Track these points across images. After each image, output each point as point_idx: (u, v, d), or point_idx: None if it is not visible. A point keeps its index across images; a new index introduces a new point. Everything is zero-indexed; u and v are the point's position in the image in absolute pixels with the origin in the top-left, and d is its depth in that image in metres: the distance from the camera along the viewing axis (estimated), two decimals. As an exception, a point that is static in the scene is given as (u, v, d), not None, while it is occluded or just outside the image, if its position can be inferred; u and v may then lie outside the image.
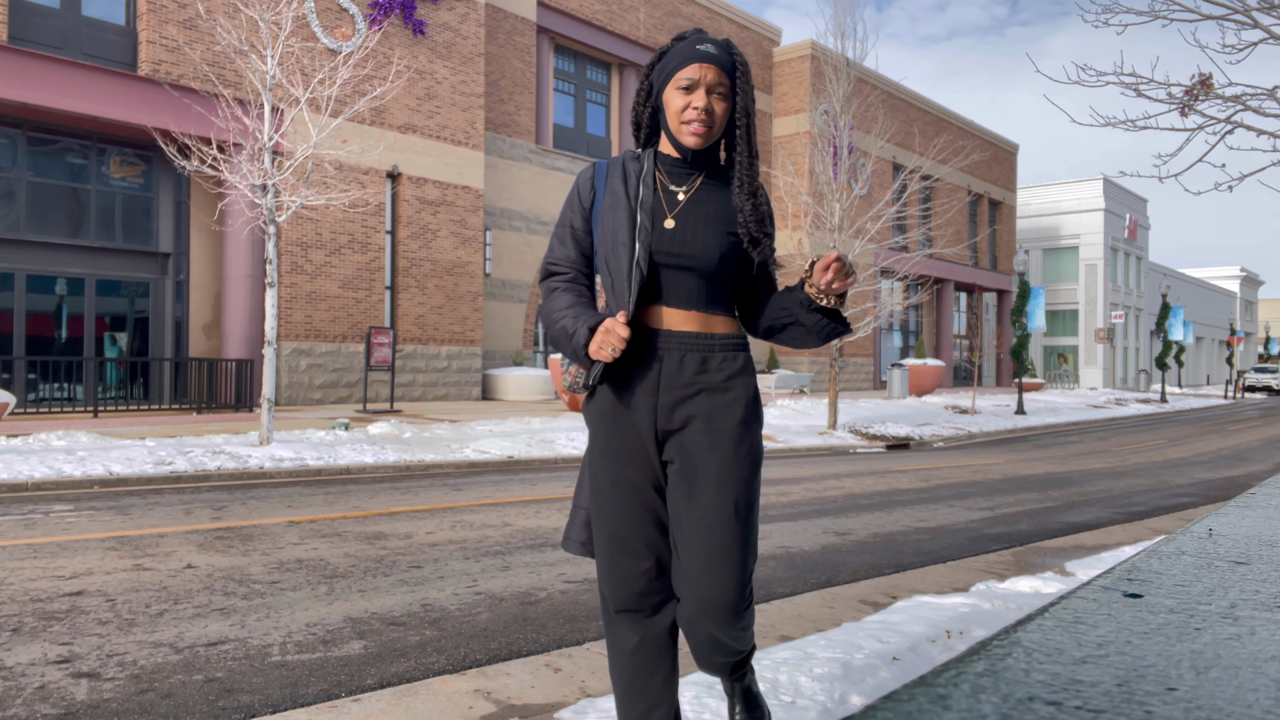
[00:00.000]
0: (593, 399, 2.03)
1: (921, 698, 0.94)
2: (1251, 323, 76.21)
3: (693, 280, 1.95)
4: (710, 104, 1.94)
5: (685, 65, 1.94)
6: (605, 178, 2.04)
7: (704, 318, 1.97)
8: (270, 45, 10.04)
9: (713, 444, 1.92)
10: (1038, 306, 33.34)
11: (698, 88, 1.93)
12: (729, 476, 1.91)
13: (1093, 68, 5.14)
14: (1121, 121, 5.22)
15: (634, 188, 1.99)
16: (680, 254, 1.94)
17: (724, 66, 1.95)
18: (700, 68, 1.93)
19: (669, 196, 1.99)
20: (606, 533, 2.00)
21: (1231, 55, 5.06)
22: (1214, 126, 5.14)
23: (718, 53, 1.95)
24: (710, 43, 1.97)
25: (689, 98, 1.94)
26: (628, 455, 1.97)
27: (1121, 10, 5.10)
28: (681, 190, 1.99)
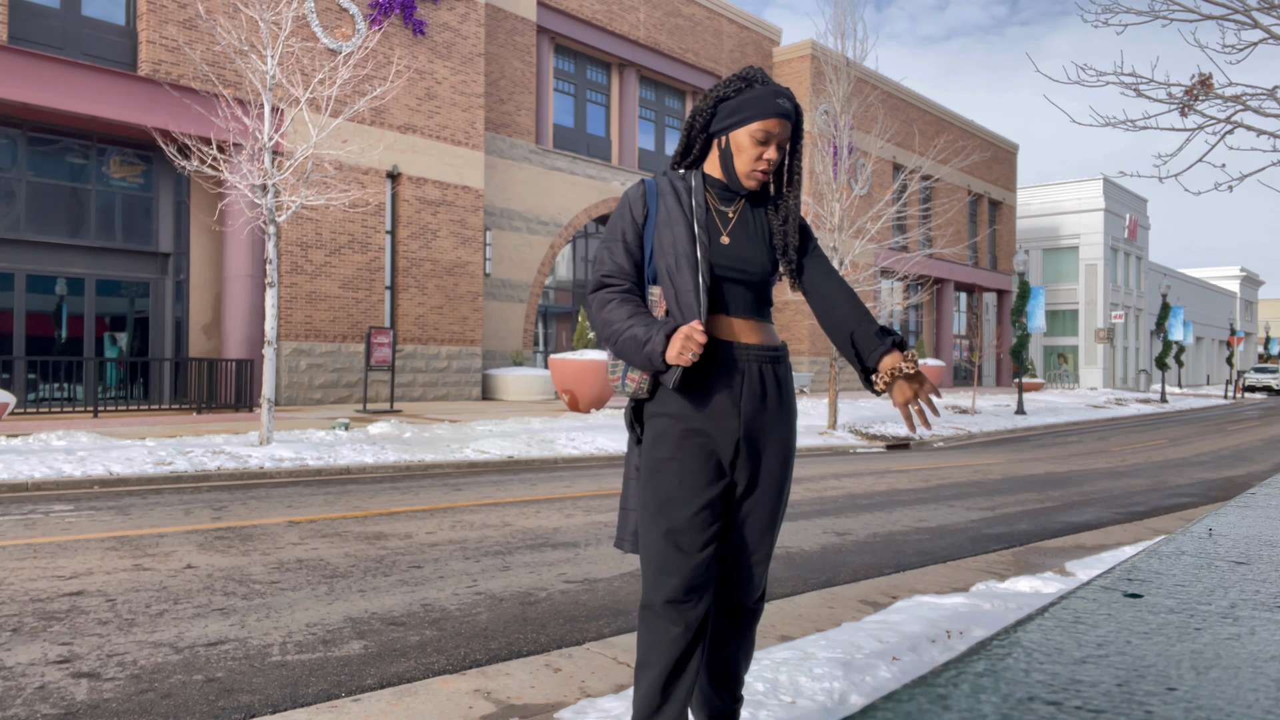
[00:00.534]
0: (655, 402, 2.13)
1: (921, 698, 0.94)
2: (1251, 323, 76.21)
3: (748, 292, 2.14)
4: (778, 156, 2.13)
5: (765, 118, 2.08)
6: (657, 195, 2.17)
7: (763, 327, 2.17)
8: (270, 45, 10.04)
9: (778, 453, 2.16)
10: (1038, 306, 33.34)
11: (772, 141, 2.10)
12: (783, 484, 2.18)
13: (1093, 68, 5.14)
14: (1121, 121, 5.22)
15: (688, 204, 2.14)
16: (737, 267, 2.12)
17: (793, 121, 2.12)
18: (779, 124, 2.09)
19: (720, 215, 2.16)
20: (666, 529, 2.08)
21: (1231, 55, 5.06)
22: (1214, 126, 5.14)
23: (791, 109, 2.11)
24: (785, 97, 2.11)
25: (762, 149, 2.11)
26: (701, 457, 2.08)
27: (1121, 10, 5.10)
28: (730, 209, 2.17)
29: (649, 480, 2.13)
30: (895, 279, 27.83)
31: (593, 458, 11.00)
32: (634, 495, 2.22)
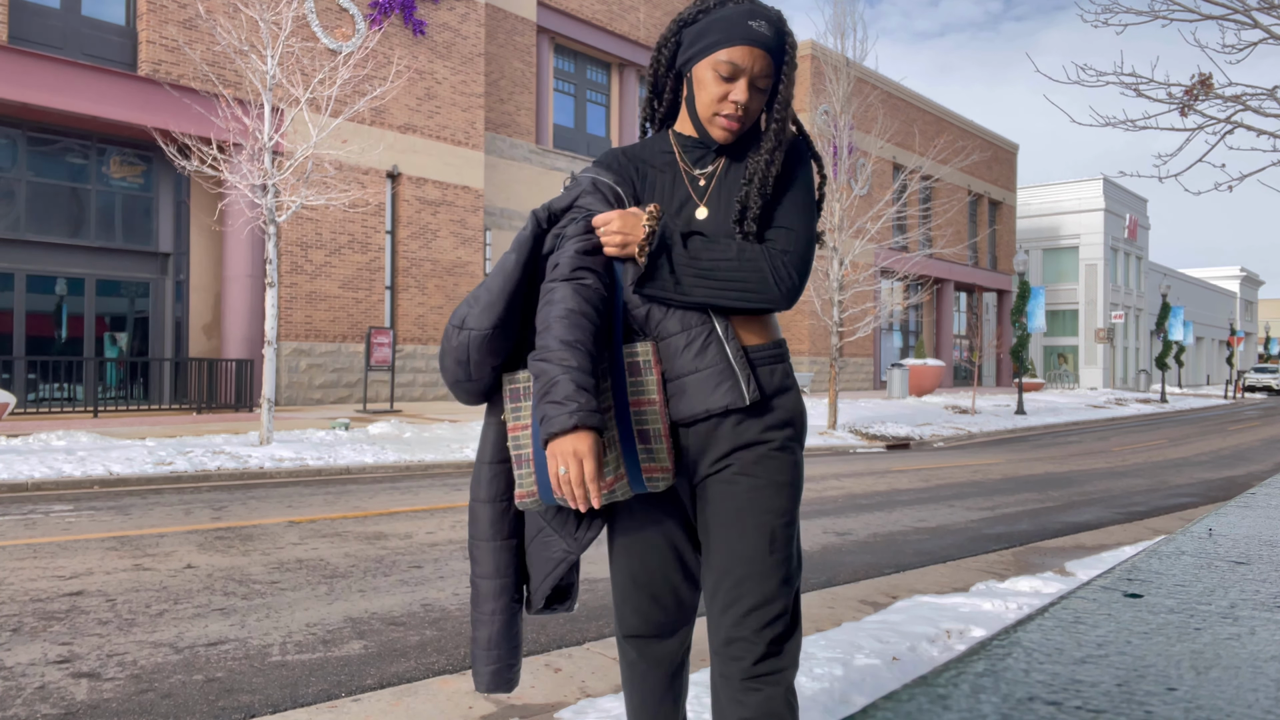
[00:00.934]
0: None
1: (921, 698, 0.94)
2: (1251, 323, 76.22)
3: None
4: (750, 98, 1.63)
5: (730, 44, 1.60)
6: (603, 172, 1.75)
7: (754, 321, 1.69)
8: (270, 45, 10.04)
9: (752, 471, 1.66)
10: (1038, 306, 33.35)
11: (740, 77, 1.62)
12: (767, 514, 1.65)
13: (1093, 68, 5.14)
14: (1121, 121, 5.22)
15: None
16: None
17: (773, 51, 1.62)
18: (748, 53, 1.61)
19: (693, 182, 1.71)
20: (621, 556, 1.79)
21: (1231, 55, 5.06)
22: (1214, 126, 5.14)
23: (770, 34, 1.61)
24: (762, 18, 1.62)
25: (728, 87, 1.62)
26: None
27: (1121, 10, 5.10)
28: (705, 174, 1.71)
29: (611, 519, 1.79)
30: (895, 279, 27.84)
31: (593, 458, 10.99)
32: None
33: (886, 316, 29.82)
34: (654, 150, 1.76)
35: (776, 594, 1.62)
